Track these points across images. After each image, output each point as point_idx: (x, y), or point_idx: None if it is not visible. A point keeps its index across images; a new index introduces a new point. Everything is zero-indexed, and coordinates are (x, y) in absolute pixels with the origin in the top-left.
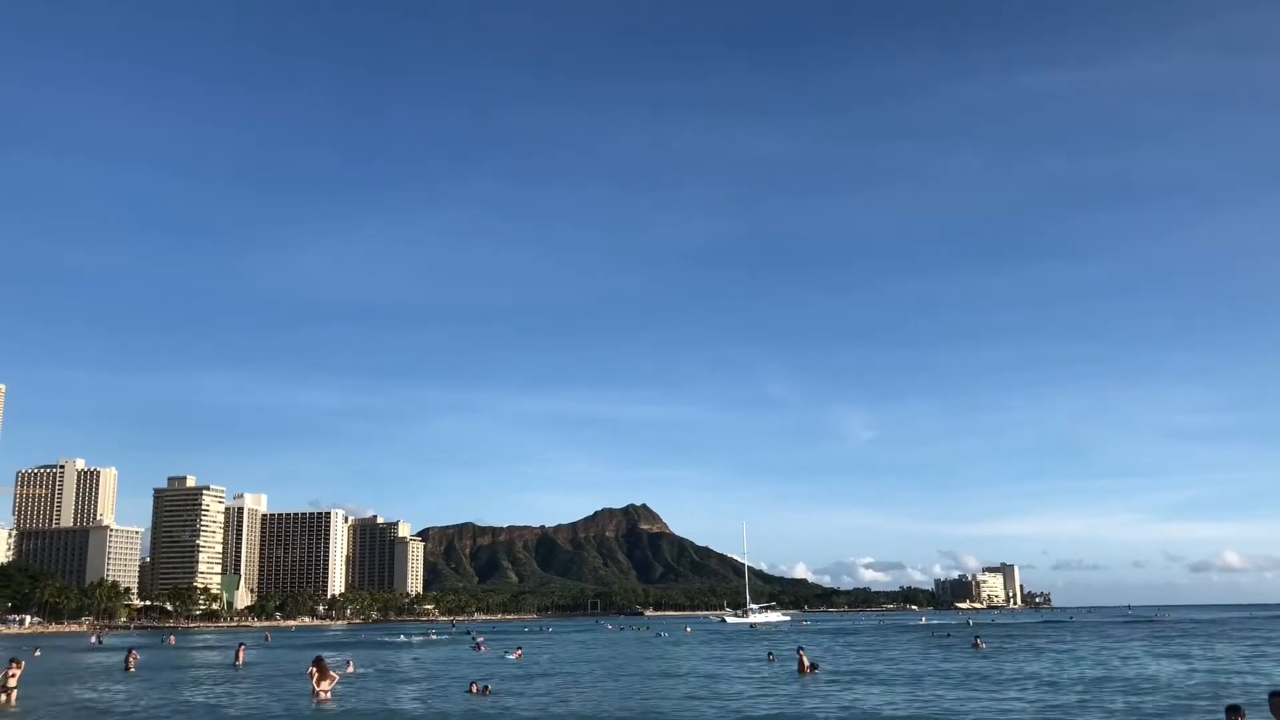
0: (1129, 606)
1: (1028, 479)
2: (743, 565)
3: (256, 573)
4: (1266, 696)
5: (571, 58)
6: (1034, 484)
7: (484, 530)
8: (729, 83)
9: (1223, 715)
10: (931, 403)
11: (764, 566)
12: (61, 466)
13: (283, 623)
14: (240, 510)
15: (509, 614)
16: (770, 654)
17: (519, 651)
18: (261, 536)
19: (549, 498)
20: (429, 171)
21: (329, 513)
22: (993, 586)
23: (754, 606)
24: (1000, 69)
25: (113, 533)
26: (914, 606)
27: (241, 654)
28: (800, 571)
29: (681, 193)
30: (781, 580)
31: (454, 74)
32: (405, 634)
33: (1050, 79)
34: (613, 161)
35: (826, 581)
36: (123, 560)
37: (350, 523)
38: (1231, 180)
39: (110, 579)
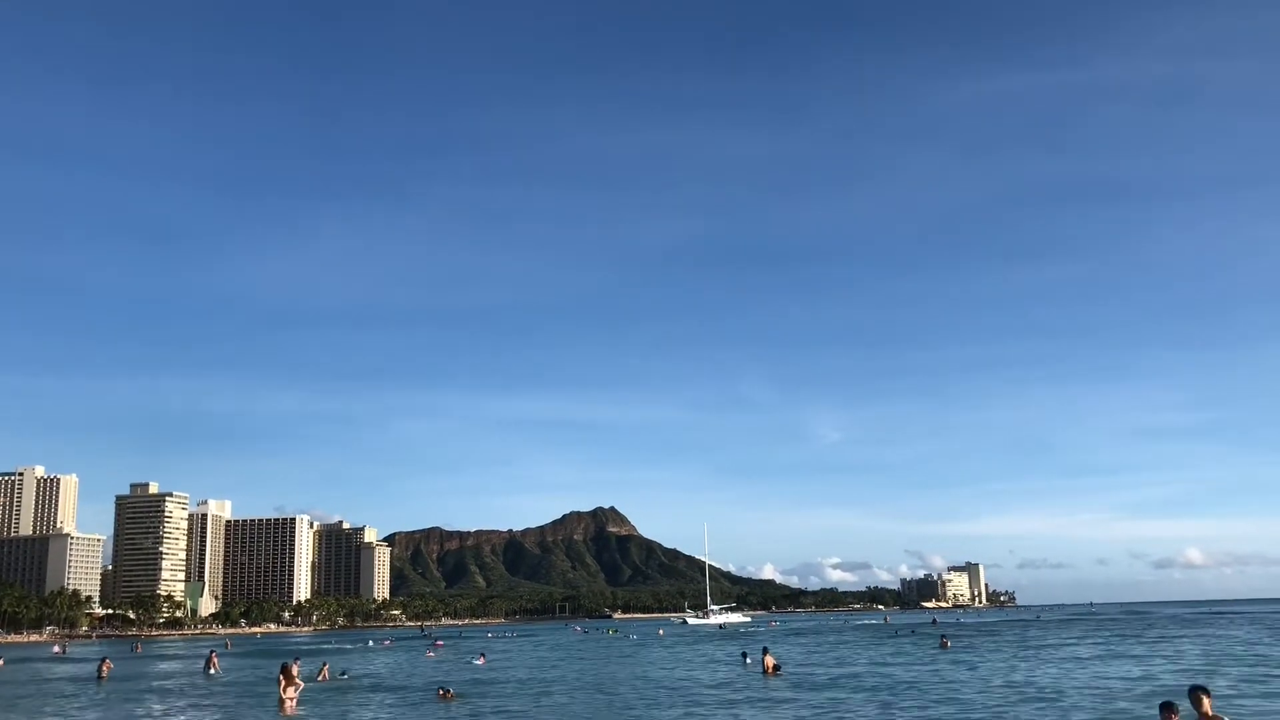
0: (1091, 604)
1: (994, 478)
2: (712, 567)
3: (221, 580)
4: (1187, 691)
5: (544, 57)
6: (1000, 483)
7: (451, 534)
8: (706, 83)
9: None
10: (901, 404)
11: (731, 567)
12: (20, 474)
13: (248, 629)
14: (204, 517)
15: (476, 618)
16: (745, 655)
17: (483, 657)
18: (226, 543)
19: (517, 501)
20: (397, 172)
21: (294, 518)
22: (958, 586)
23: (715, 608)
24: (975, 71)
25: (73, 540)
26: (880, 606)
27: (215, 662)
28: (768, 572)
29: (655, 194)
30: (749, 581)
31: (426, 74)
32: (374, 640)
33: (1024, 81)
34: (583, 162)
35: (794, 582)
36: (84, 568)
37: (316, 528)
38: (1199, 182)
39: (71, 587)
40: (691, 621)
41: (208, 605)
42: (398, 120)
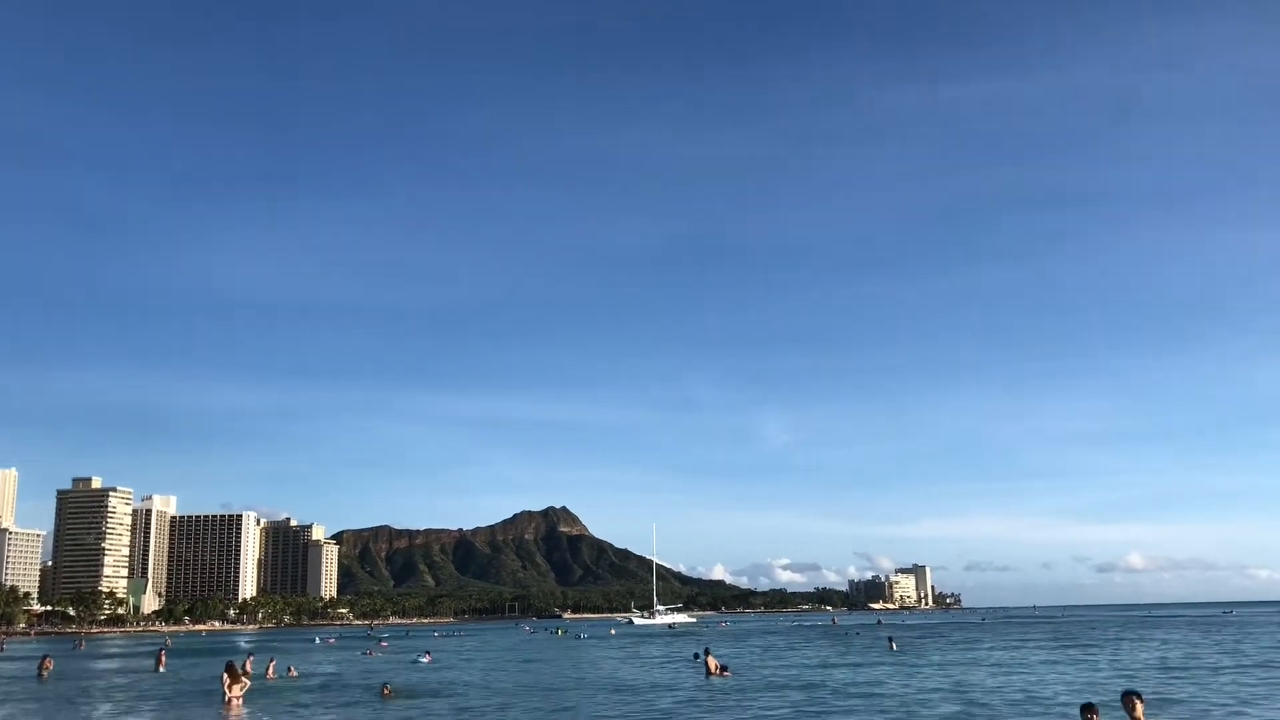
0: (1035, 607)
1: (942, 481)
2: (660, 567)
3: (165, 577)
4: (1119, 696)
5: (502, 54)
6: (948, 486)
7: (400, 533)
8: (663, 86)
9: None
10: (851, 406)
11: (682, 568)
12: None
13: (191, 627)
14: (148, 512)
15: (425, 618)
16: (696, 655)
17: (428, 655)
18: (170, 539)
19: (468, 500)
20: (352, 166)
21: (240, 515)
22: (905, 587)
23: (661, 608)
24: (927, 79)
25: (11, 535)
26: (828, 607)
27: (164, 660)
28: (718, 573)
29: (611, 195)
30: (700, 581)
31: (382, 67)
32: (319, 638)
33: (973, 90)
34: (541, 161)
35: (744, 583)
36: (22, 564)
37: (262, 525)
38: (1138, 193)
39: (9, 584)
40: (638, 621)
41: (151, 602)
42: (358, 113)
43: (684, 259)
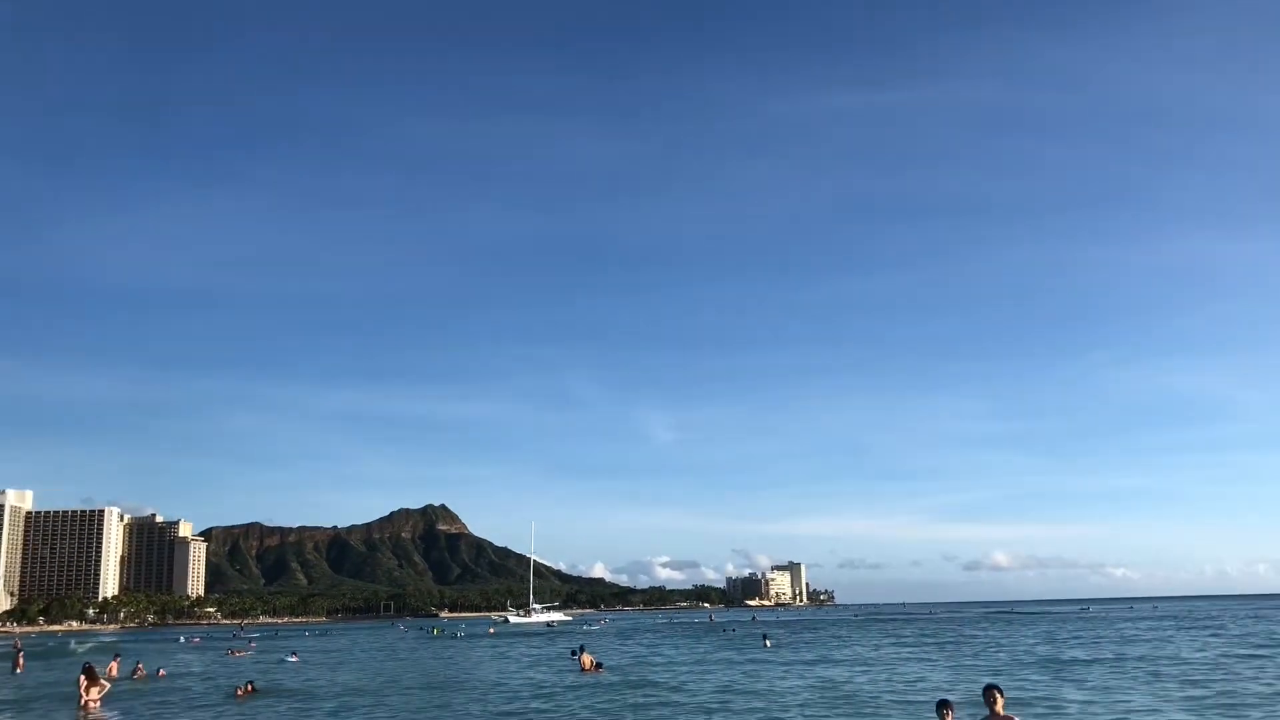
0: (904, 604)
1: (818, 481)
2: (541, 565)
3: (19, 574)
4: (981, 690)
5: (378, 43)
6: (824, 486)
7: (272, 530)
8: (541, 81)
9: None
10: (732, 406)
11: (563, 566)
12: None
13: (47, 627)
14: (1, 507)
15: (297, 617)
16: (573, 651)
17: (295, 655)
18: (25, 535)
19: (343, 497)
20: (222, 151)
21: (102, 510)
22: (781, 584)
23: (537, 607)
24: (809, 87)
25: None
26: (706, 604)
27: (21, 661)
28: (599, 571)
29: (490, 188)
30: (579, 579)
31: (252, 50)
32: (184, 637)
33: (855, 99)
34: (418, 153)
35: (624, 580)
36: None
37: (126, 521)
38: (1013, 205)
39: None
40: (514, 620)
41: (2, 601)
42: (230, 97)
43: (567, 255)
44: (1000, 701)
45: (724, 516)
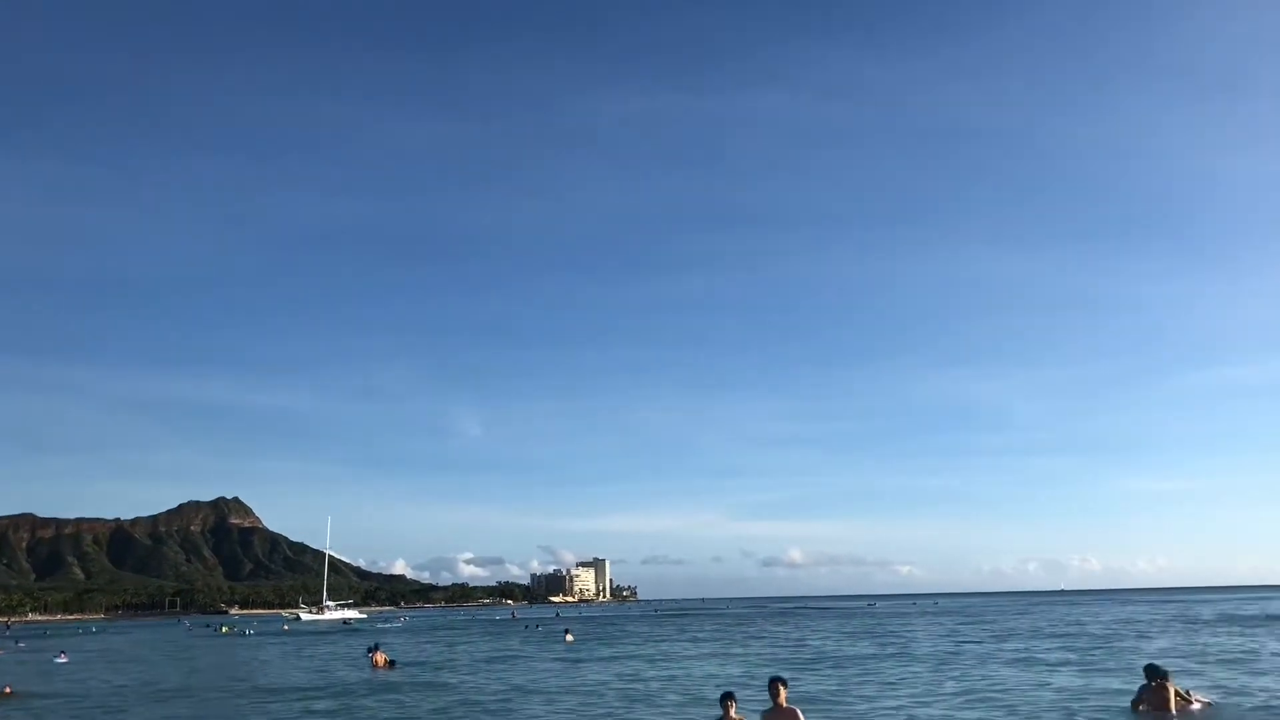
0: (703, 599)
1: (624, 478)
2: (339, 561)
3: None
4: (766, 682)
5: (200, 12)
6: (631, 483)
7: (46, 522)
8: (367, 62)
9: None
10: (544, 402)
11: (362, 563)
12: None
13: None
14: None
15: (72, 614)
16: (369, 650)
17: (64, 654)
18: None
19: (127, 487)
20: (9, 115)
21: None
22: (585, 580)
23: (330, 604)
24: (634, 89)
25: None
26: (509, 601)
27: None
28: (400, 567)
29: (306, 170)
30: (379, 576)
31: (53, 11)
32: None
33: (677, 103)
34: (232, 129)
35: (426, 577)
36: None
37: None
38: (821, 214)
39: None
40: (305, 617)
41: None
42: (29, 78)
43: (383, 243)
44: (783, 694)
45: (531, 513)
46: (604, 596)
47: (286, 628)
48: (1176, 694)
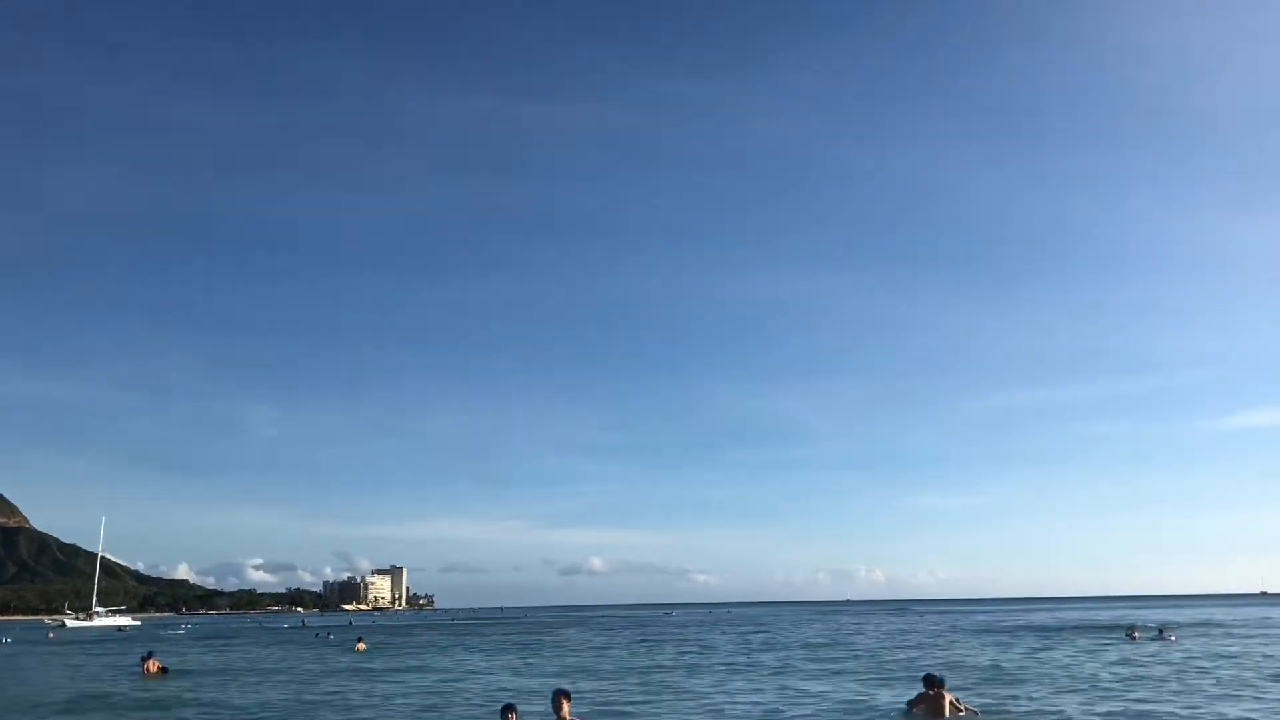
0: (502, 608)
1: (428, 484)
2: (115, 564)
3: None
4: (551, 694)
5: None
6: (433, 489)
7: None
8: (156, 39)
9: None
10: (344, 403)
11: (141, 566)
12: None
13: None
14: None
15: None
16: (143, 657)
17: None
18: None
19: None
20: None
21: None
22: (381, 588)
23: (100, 610)
24: (445, 87)
25: None
26: (300, 608)
27: None
28: (183, 572)
29: (85, 150)
30: (159, 581)
31: None
32: None
33: (489, 105)
34: (14, 106)
35: (211, 583)
36: None
37: None
38: (630, 226)
39: None
40: (71, 624)
41: None
42: None
43: (176, 231)
44: (566, 707)
45: (327, 518)
46: (400, 605)
47: (52, 635)
48: (951, 703)
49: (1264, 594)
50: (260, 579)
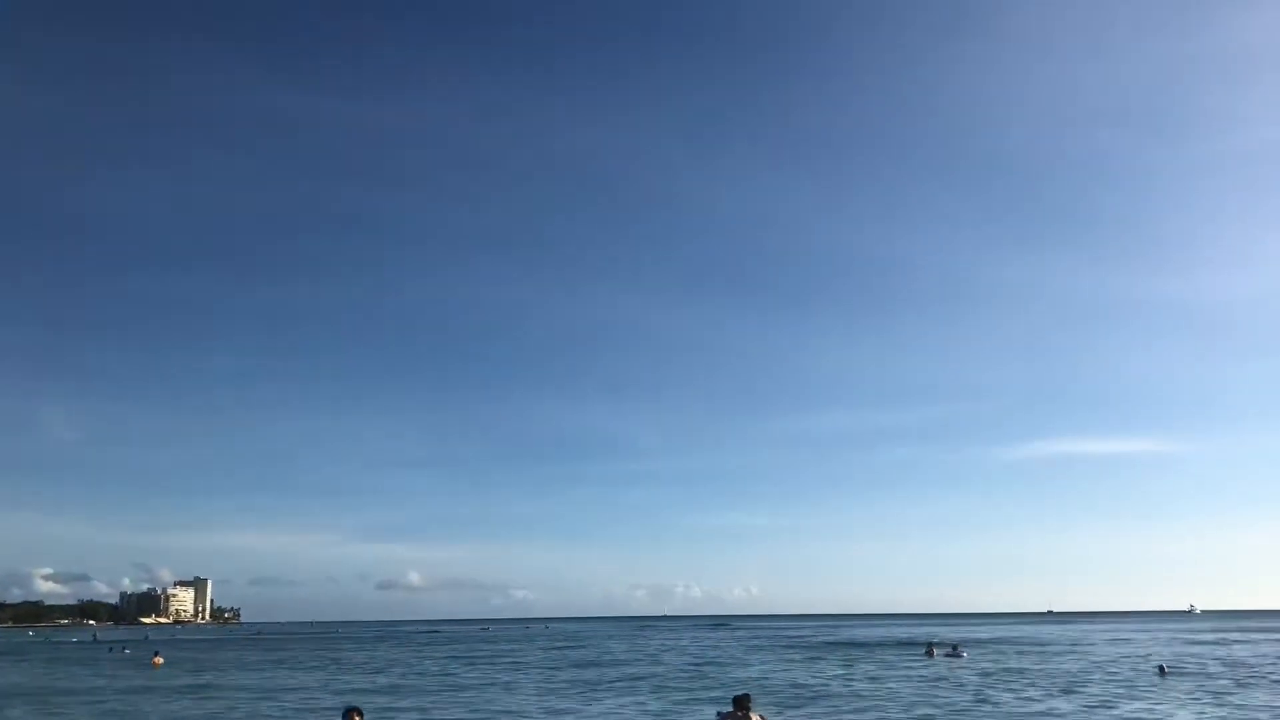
0: (313, 623)
1: (239, 493)
2: None
3: None
4: (341, 711)
5: None
6: (244, 498)
7: None
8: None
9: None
10: (150, 408)
11: None
12: None
13: None
14: None
15: None
16: None
17: None
18: None
19: None
20: None
21: None
22: (183, 601)
23: None
24: (280, 85)
25: None
26: (92, 621)
27: None
28: None
29: None
30: None
31: None
32: None
33: (322, 105)
34: None
35: None
36: None
37: None
38: (454, 235)
39: None
40: None
41: None
42: None
43: None
44: None
45: (128, 526)
46: (204, 618)
47: None
48: (761, 718)
49: (1050, 612)
50: (50, 589)
